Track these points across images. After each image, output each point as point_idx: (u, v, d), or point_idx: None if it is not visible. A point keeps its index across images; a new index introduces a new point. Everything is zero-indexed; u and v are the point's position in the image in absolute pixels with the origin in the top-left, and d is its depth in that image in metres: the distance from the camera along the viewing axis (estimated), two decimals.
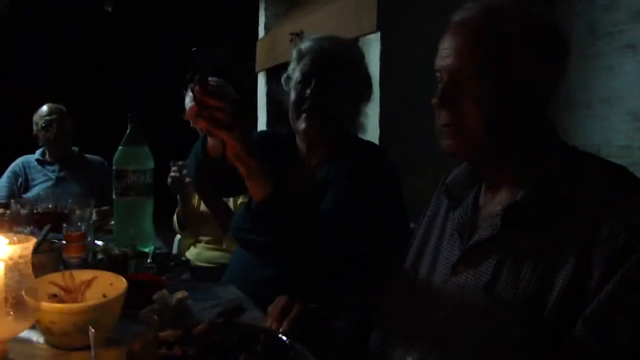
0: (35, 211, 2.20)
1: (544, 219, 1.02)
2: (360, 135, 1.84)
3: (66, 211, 2.17)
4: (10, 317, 0.90)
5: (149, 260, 1.72)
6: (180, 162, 2.52)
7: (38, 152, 3.38)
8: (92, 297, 1.19)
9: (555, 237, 1.00)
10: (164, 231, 2.59)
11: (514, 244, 1.04)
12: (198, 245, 2.67)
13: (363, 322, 1.31)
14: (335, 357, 1.26)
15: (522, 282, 1.01)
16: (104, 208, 2.54)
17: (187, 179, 2.46)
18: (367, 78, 1.80)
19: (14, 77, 4.61)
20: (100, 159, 3.45)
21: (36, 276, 1.04)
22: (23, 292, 0.92)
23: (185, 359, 1.01)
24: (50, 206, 2.33)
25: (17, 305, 0.90)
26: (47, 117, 3.29)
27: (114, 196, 1.90)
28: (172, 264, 1.77)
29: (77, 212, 1.91)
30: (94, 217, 2.20)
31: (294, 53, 1.78)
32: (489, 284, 1.05)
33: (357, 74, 1.75)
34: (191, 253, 2.65)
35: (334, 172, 1.66)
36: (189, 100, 2.78)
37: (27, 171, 3.31)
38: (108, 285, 1.20)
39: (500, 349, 1.00)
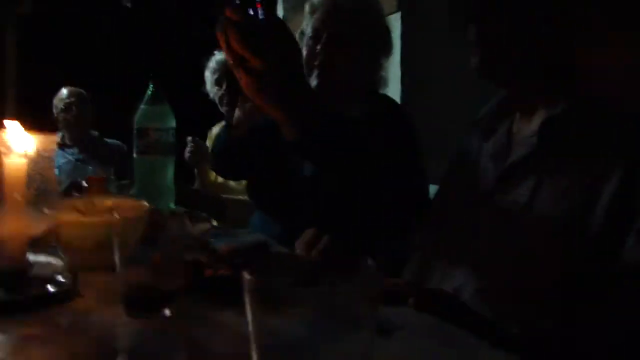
0: None
1: (584, 132, 0.97)
2: (381, 91, 1.80)
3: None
4: (30, 216, 0.85)
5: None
6: (196, 138, 2.52)
7: (58, 135, 3.39)
8: None
9: (598, 150, 0.95)
10: None
11: (553, 162, 0.99)
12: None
13: (394, 260, 1.26)
14: None
15: (564, 199, 0.95)
16: (124, 182, 2.52)
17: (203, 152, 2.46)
18: (386, 31, 1.75)
19: (38, 68, 4.67)
20: (119, 142, 3.45)
21: None
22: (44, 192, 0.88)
23: (211, 268, 0.96)
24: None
25: (38, 201, 0.86)
26: (66, 100, 3.30)
27: (134, 155, 1.87)
28: (193, 220, 1.73)
29: None
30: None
31: (307, 7, 1.74)
32: (528, 203, 1.00)
33: (373, 27, 1.70)
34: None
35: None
36: (209, 74, 2.77)
37: None
38: (129, 211, 1.16)
39: (541, 272, 0.94)
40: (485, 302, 0.97)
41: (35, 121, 0.87)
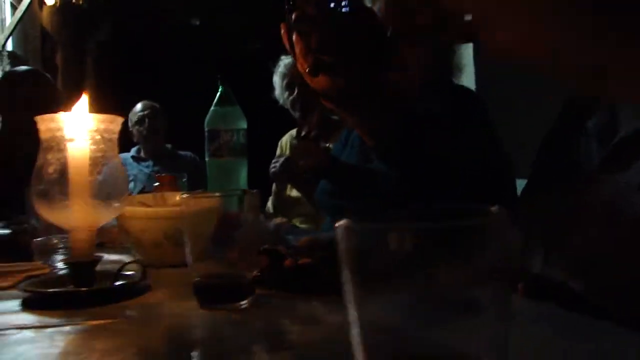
0: None
1: None
2: (456, 80, 1.69)
3: None
4: (96, 203, 0.80)
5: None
6: (285, 156, 2.50)
7: (133, 149, 3.44)
8: None
9: None
10: None
11: None
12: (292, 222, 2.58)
13: None
14: None
15: None
16: (198, 192, 2.51)
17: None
18: None
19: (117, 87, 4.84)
20: (192, 154, 3.46)
21: None
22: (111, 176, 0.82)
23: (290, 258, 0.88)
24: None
25: (104, 187, 0.81)
26: (140, 113, 3.34)
27: (206, 159, 1.83)
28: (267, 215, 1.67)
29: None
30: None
31: None
32: None
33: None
34: None
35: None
36: (277, 79, 2.72)
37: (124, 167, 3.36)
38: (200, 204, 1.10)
39: None
40: (592, 296, 0.85)
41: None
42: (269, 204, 2.77)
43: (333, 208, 1.66)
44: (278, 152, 2.91)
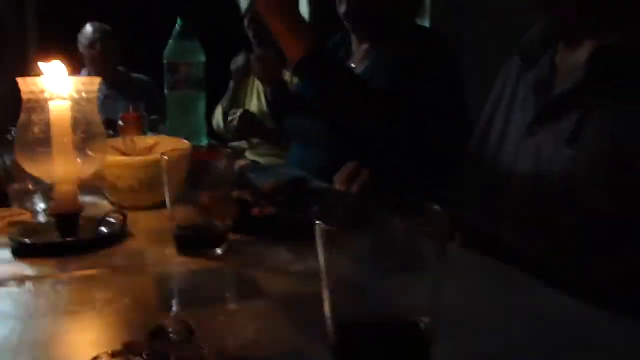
0: None
1: (636, 66, 0.90)
2: (418, 20, 1.74)
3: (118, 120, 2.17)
4: (78, 159, 0.86)
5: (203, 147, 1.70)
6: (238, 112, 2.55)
7: (83, 72, 3.38)
8: None
9: None
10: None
11: (602, 96, 0.93)
12: (252, 151, 2.65)
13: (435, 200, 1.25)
14: None
15: (608, 136, 0.90)
16: (154, 117, 2.53)
17: None
18: None
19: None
20: (145, 77, 3.43)
21: None
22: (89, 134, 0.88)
23: (257, 206, 0.97)
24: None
25: (85, 144, 0.87)
26: (91, 36, 3.27)
27: (165, 91, 1.86)
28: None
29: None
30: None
31: None
32: (572, 137, 0.94)
33: None
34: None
35: (382, 59, 1.58)
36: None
37: None
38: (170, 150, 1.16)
39: (586, 211, 0.92)
40: (527, 238, 0.96)
41: (59, 58, 0.85)
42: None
43: (300, 134, 1.74)
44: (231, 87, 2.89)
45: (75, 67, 3.42)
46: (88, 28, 3.31)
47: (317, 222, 0.44)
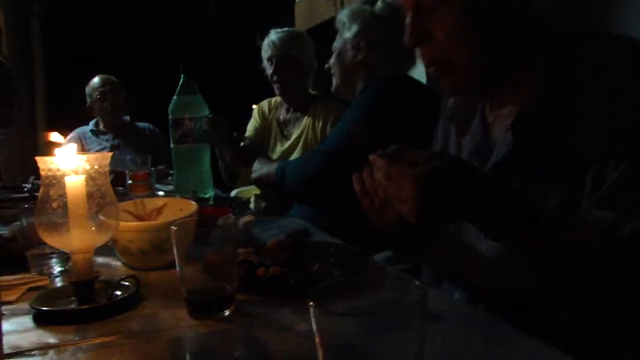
0: None
1: (559, 122, 0.93)
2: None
3: (126, 170, 2.23)
4: (93, 229, 0.92)
5: (210, 203, 1.76)
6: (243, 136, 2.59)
7: (92, 122, 3.48)
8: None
9: (576, 139, 0.91)
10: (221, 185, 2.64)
11: (534, 158, 0.97)
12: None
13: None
14: None
15: (549, 198, 0.94)
16: (161, 167, 2.60)
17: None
18: None
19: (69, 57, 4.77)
20: (150, 125, 3.53)
21: None
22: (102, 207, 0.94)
23: (262, 266, 1.02)
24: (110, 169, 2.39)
25: (99, 213, 0.93)
26: (101, 89, 3.38)
27: (171, 145, 1.93)
28: (233, 205, 1.80)
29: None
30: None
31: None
32: None
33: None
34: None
35: None
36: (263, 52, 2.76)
37: (83, 142, 3.41)
38: (178, 210, 1.23)
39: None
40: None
41: (67, 110, 0.92)
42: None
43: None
44: (257, 116, 2.90)
45: (83, 117, 3.52)
46: (96, 80, 3.41)
47: (310, 303, 0.50)
